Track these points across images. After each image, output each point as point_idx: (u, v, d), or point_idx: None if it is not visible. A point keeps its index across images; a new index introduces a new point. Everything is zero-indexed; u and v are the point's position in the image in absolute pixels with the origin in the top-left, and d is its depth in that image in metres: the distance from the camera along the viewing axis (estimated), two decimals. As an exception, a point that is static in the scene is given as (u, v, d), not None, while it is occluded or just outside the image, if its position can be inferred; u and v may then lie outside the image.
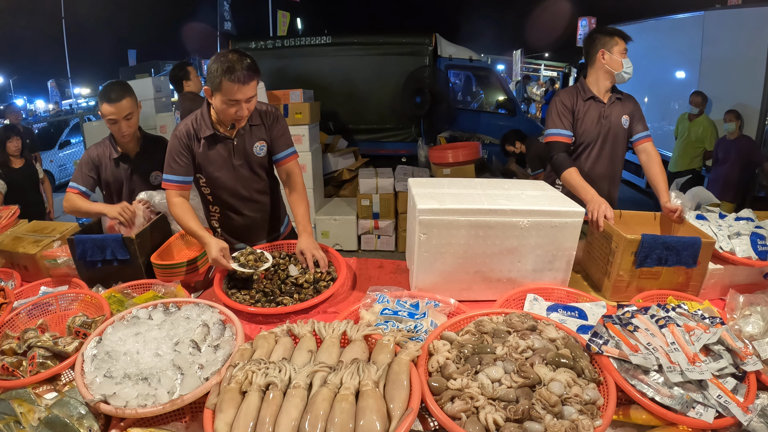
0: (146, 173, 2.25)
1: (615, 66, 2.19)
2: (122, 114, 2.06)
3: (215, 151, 1.93)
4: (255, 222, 2.16)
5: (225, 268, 1.75)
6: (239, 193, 2.05)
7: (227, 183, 2.01)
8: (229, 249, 1.77)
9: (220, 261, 1.71)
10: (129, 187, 2.23)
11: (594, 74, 2.28)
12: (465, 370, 1.12)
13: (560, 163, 2.17)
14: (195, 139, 1.90)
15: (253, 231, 2.19)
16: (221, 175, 1.98)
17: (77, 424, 1.11)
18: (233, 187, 2.03)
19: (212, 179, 1.99)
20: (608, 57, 2.20)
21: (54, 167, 8.42)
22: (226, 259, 1.73)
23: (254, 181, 2.06)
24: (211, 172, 1.97)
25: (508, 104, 6.94)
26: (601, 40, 2.23)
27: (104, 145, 2.22)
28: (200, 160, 1.94)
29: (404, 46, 5.66)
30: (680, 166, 5.41)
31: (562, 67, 17.28)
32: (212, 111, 1.88)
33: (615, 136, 2.28)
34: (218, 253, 1.71)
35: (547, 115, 2.34)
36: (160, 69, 16.78)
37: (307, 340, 1.25)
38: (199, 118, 1.90)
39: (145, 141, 2.25)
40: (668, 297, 1.60)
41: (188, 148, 1.89)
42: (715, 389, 1.10)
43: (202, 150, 1.92)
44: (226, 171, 1.98)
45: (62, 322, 1.55)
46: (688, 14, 6.06)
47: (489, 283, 1.67)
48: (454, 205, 1.57)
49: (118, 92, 2.05)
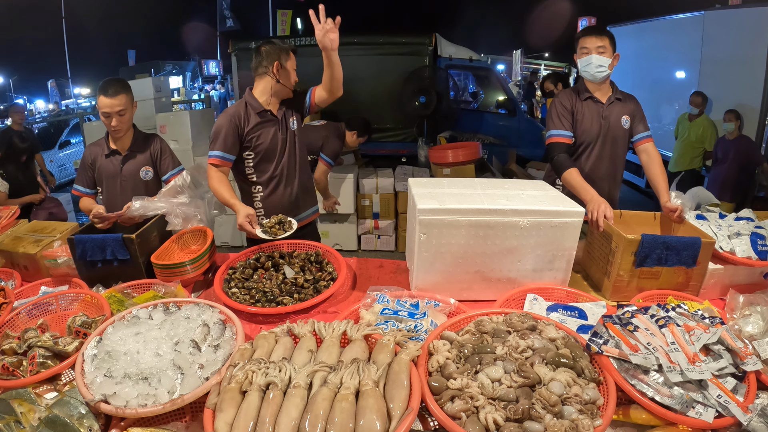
0: (136, 169, 2.31)
1: (579, 67, 2.23)
2: (116, 109, 2.14)
3: (265, 128, 2.20)
4: (297, 195, 2.38)
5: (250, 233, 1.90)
6: (284, 163, 2.28)
7: (274, 154, 2.25)
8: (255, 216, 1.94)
9: (245, 226, 1.88)
10: (120, 182, 2.30)
11: None
12: (465, 370, 1.12)
13: (560, 164, 2.18)
14: (246, 119, 2.16)
15: (295, 204, 2.39)
16: (272, 146, 2.23)
17: (77, 424, 1.11)
18: (279, 158, 2.27)
19: (261, 152, 2.23)
20: (576, 59, 2.24)
21: (54, 167, 8.41)
22: (252, 224, 1.88)
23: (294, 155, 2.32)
24: (260, 145, 2.21)
25: (508, 104, 6.94)
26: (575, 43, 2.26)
27: (98, 143, 2.33)
28: (252, 135, 2.18)
29: (404, 46, 5.65)
30: (680, 166, 5.41)
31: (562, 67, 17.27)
32: (257, 93, 2.20)
33: (614, 136, 2.28)
34: (244, 218, 1.88)
35: (548, 117, 2.36)
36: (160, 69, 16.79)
37: (307, 339, 1.25)
38: (248, 100, 2.19)
39: (137, 138, 2.33)
40: (668, 297, 1.60)
41: (237, 128, 2.14)
42: (715, 389, 1.10)
43: (252, 127, 2.17)
44: (273, 144, 2.23)
45: (62, 322, 1.55)
46: (688, 14, 6.06)
47: (489, 283, 1.67)
48: (454, 205, 1.57)
49: (116, 88, 2.14)
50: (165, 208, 1.98)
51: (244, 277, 1.81)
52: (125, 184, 2.28)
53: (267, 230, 1.89)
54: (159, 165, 2.35)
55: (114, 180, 2.29)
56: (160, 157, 2.34)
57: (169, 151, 2.38)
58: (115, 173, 2.29)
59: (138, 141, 2.31)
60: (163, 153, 2.35)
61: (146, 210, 1.98)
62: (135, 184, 2.28)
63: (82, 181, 2.32)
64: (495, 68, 9.64)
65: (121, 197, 2.23)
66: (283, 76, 2.18)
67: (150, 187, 2.29)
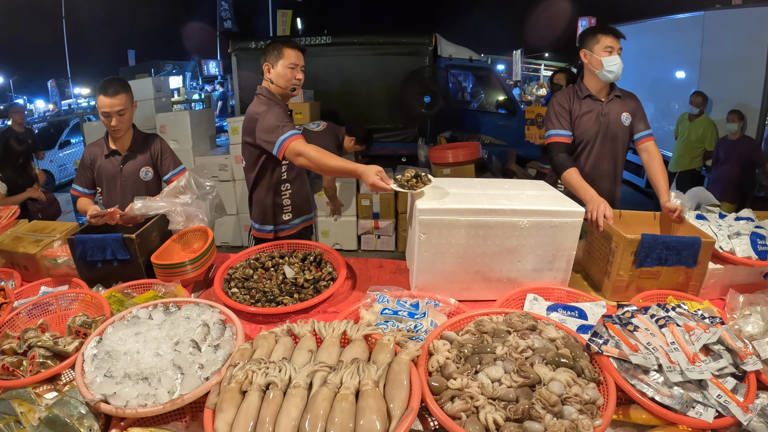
0: (136, 169, 2.30)
1: (595, 65, 2.18)
2: (115, 109, 2.13)
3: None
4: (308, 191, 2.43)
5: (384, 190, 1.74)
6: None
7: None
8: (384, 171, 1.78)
9: (378, 183, 1.70)
10: (120, 183, 2.29)
11: (585, 74, 2.29)
12: (465, 370, 1.12)
13: (560, 164, 2.18)
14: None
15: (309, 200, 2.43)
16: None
17: (77, 424, 1.11)
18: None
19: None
20: (589, 56, 2.20)
21: (54, 167, 8.41)
22: (385, 181, 1.72)
23: None
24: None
25: (508, 104, 6.93)
26: (584, 39, 2.22)
27: (98, 143, 2.32)
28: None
29: (404, 46, 5.65)
30: (680, 166, 5.41)
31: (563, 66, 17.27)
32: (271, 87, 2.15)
33: (614, 134, 2.27)
34: (375, 177, 1.71)
35: (546, 117, 2.35)
36: (160, 69, 16.79)
37: (307, 339, 1.25)
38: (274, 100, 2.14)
39: (137, 138, 2.32)
40: (668, 297, 1.60)
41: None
42: (715, 389, 1.10)
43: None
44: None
45: (62, 322, 1.55)
46: (688, 14, 6.05)
47: (489, 283, 1.67)
48: (454, 205, 1.57)
49: (115, 87, 2.13)
50: (167, 207, 1.98)
51: (244, 277, 1.81)
52: (125, 184, 2.28)
53: (403, 184, 1.70)
54: (160, 165, 2.34)
55: (114, 180, 2.29)
56: (160, 157, 2.34)
57: (170, 150, 2.38)
58: (115, 174, 2.28)
59: (138, 141, 2.31)
60: (164, 153, 2.35)
61: (148, 210, 1.98)
62: (135, 185, 2.28)
63: (81, 181, 2.32)
64: (495, 68, 9.63)
65: (121, 198, 2.23)
66: (274, 76, 2.11)
67: (150, 188, 2.29)
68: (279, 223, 2.30)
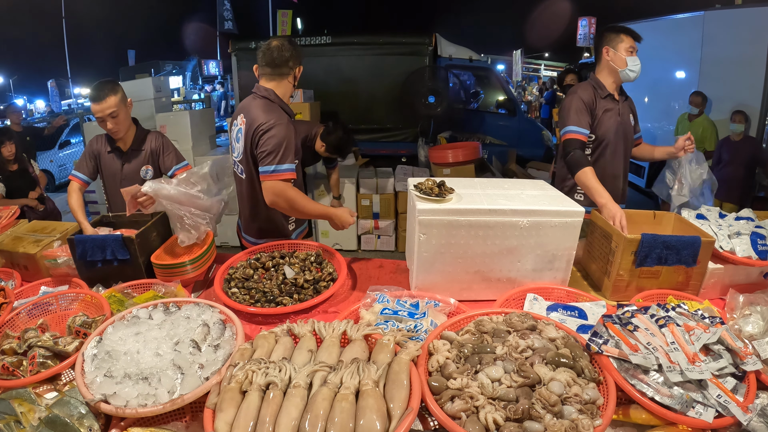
0: (136, 168, 2.31)
1: (619, 63, 2.19)
2: (107, 112, 2.13)
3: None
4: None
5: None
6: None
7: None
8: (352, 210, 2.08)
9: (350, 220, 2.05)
10: (120, 182, 2.29)
11: (600, 72, 2.28)
12: (465, 370, 1.12)
13: (576, 161, 2.09)
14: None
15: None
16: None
17: (77, 424, 1.11)
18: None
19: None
20: (612, 54, 2.20)
21: (54, 167, 8.41)
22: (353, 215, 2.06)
23: None
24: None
25: (508, 104, 6.94)
26: (607, 36, 2.23)
27: (102, 138, 2.32)
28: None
29: (404, 46, 5.65)
30: (680, 166, 5.40)
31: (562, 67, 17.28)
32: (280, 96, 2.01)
33: (626, 135, 2.31)
34: (351, 218, 2.06)
35: (564, 112, 2.25)
36: (160, 69, 16.79)
37: (307, 339, 1.25)
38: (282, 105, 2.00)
39: (139, 136, 2.32)
40: (668, 296, 1.60)
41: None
42: (715, 389, 1.10)
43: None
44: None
45: (62, 322, 1.55)
46: (688, 14, 6.05)
47: (489, 283, 1.67)
48: (453, 205, 1.57)
49: (102, 91, 2.12)
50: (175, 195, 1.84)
51: (244, 277, 1.81)
52: (125, 183, 2.27)
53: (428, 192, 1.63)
54: (161, 162, 2.34)
55: (114, 179, 2.30)
56: (162, 153, 2.33)
57: (172, 147, 2.38)
58: (116, 172, 2.29)
59: (139, 139, 2.31)
60: (165, 149, 2.34)
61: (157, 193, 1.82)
62: (135, 184, 2.27)
63: (81, 167, 2.30)
64: (495, 68, 9.63)
65: (122, 196, 2.23)
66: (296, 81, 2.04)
67: None
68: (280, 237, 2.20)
